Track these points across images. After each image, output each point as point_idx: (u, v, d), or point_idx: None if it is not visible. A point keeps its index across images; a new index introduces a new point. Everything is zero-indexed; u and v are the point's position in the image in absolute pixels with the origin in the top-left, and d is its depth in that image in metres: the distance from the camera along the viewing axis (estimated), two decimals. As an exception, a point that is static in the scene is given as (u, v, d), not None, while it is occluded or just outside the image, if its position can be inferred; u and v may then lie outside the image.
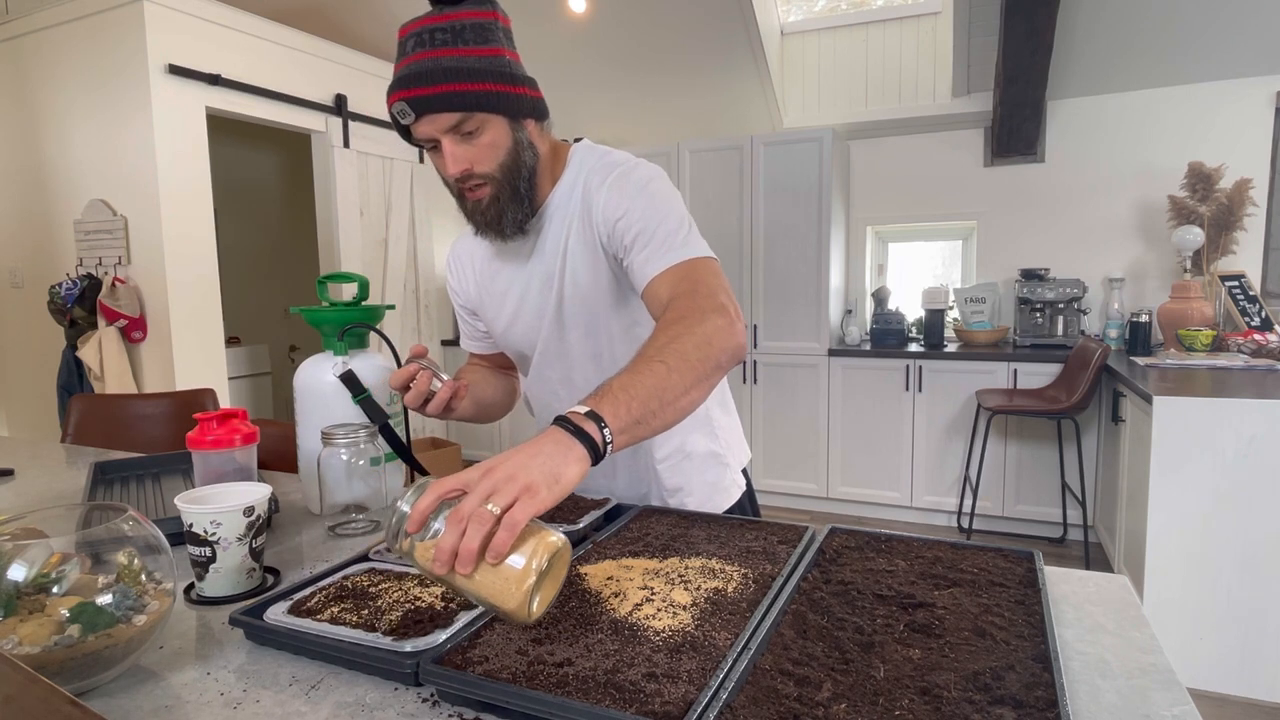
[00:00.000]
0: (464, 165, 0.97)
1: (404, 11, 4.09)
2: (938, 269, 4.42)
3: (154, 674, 0.70)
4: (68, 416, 2.00)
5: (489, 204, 1.00)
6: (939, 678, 0.62)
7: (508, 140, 0.98)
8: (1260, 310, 3.24)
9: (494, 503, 0.62)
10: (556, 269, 1.07)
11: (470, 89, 0.93)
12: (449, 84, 0.92)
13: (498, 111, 0.96)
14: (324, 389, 1.17)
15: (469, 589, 0.64)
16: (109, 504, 0.76)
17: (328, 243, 4.00)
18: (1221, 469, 2.21)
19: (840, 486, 3.88)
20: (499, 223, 1.02)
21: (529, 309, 1.12)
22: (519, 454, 0.67)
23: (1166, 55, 3.38)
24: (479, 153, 0.97)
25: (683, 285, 0.93)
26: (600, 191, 1.02)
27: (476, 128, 0.95)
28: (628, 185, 1.01)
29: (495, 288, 1.16)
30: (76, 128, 3.32)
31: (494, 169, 0.98)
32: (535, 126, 1.03)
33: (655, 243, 0.97)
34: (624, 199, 1.00)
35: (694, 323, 0.85)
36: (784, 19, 4.26)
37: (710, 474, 1.18)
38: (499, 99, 0.95)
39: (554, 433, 0.70)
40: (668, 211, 0.99)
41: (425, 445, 4.41)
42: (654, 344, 0.83)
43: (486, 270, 1.17)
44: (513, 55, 1.00)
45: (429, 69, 0.93)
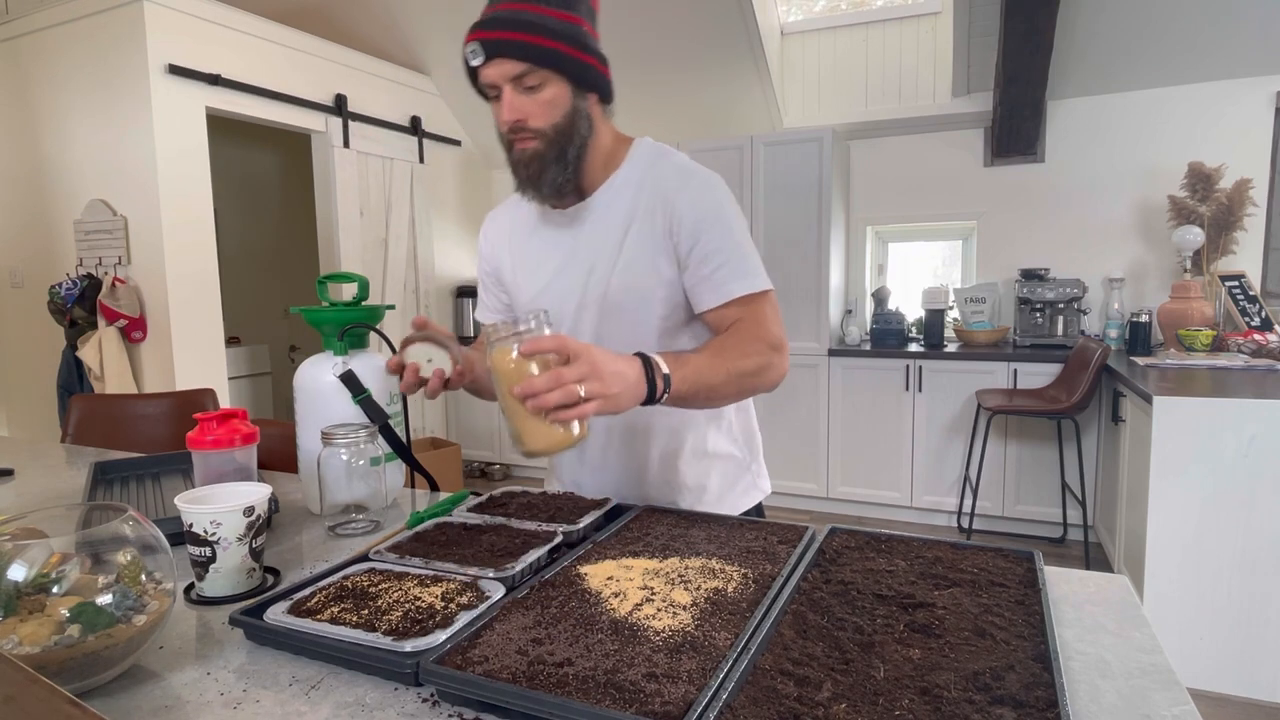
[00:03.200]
0: (519, 115, 0.99)
1: (403, 11, 4.10)
2: (938, 269, 4.42)
3: (154, 674, 0.70)
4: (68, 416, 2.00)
5: (532, 157, 1.02)
6: (939, 678, 0.62)
7: (566, 103, 1.01)
8: (1260, 310, 3.24)
9: (584, 388, 0.79)
10: (609, 256, 1.08)
11: (541, 43, 0.96)
12: (522, 34, 0.95)
13: (562, 72, 0.99)
14: (324, 389, 1.17)
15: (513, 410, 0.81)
16: (109, 504, 0.76)
17: (328, 243, 4.00)
18: (1221, 469, 2.21)
19: (840, 486, 3.88)
20: (538, 179, 1.04)
21: (564, 283, 1.12)
22: (615, 366, 0.83)
23: (1166, 55, 3.38)
24: (536, 107, 0.99)
25: (750, 315, 1.03)
26: (681, 198, 1.04)
27: (539, 83, 0.98)
28: (709, 201, 1.05)
29: (530, 254, 1.16)
30: (76, 128, 3.32)
31: (546, 126, 1.00)
32: (597, 103, 1.06)
33: (729, 267, 1.03)
34: (706, 214, 1.04)
35: (762, 351, 1.00)
36: (784, 19, 4.26)
37: (730, 475, 1.20)
38: (566, 60, 0.98)
39: (637, 367, 0.87)
40: (742, 237, 1.05)
41: (425, 445, 4.41)
42: (729, 353, 0.98)
43: (524, 237, 1.17)
44: (590, 29, 1.02)
45: (507, 17, 0.96)
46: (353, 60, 4.05)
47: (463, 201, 4.99)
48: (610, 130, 1.10)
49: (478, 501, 1.09)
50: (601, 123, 1.07)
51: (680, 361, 0.92)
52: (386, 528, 1.10)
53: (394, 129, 4.31)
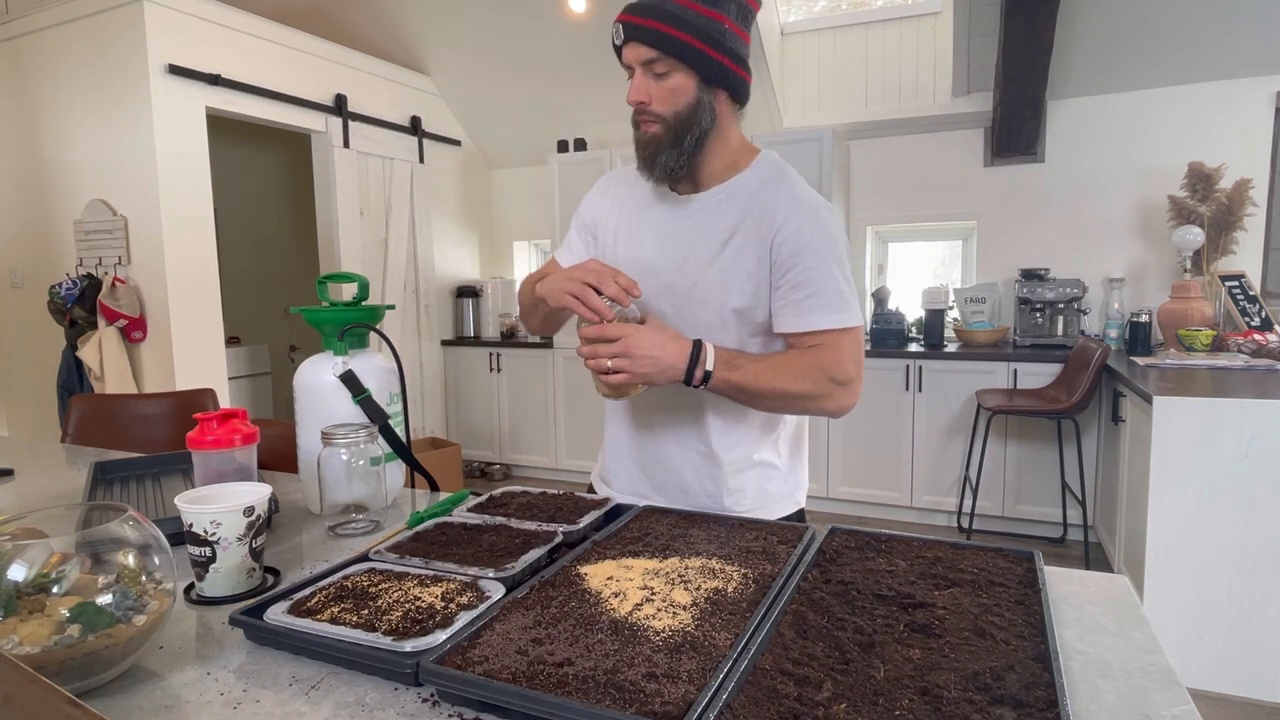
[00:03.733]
0: (641, 97, 1.06)
1: (403, 11, 4.10)
2: (938, 269, 4.42)
3: (154, 674, 0.70)
4: (68, 416, 2.00)
5: (650, 140, 1.08)
6: (939, 678, 0.62)
7: (690, 95, 1.05)
8: (1260, 310, 3.24)
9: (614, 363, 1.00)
10: (707, 251, 1.12)
11: (674, 34, 1.02)
12: (659, 23, 1.02)
13: (690, 64, 1.04)
14: (324, 389, 1.17)
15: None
16: (109, 504, 0.76)
17: (328, 243, 4.00)
18: (1221, 469, 2.21)
19: (840, 486, 3.88)
20: (653, 160, 1.09)
21: (657, 262, 1.16)
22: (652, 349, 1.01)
23: (1166, 55, 3.38)
24: (661, 92, 1.05)
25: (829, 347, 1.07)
26: (791, 221, 1.08)
27: (667, 70, 1.04)
28: (817, 230, 1.08)
29: (635, 224, 1.21)
30: (76, 128, 3.32)
31: (667, 112, 1.06)
32: (727, 100, 1.10)
33: (819, 298, 1.07)
34: (810, 242, 1.07)
35: (822, 381, 1.06)
36: (784, 19, 4.26)
37: (770, 484, 1.22)
38: (694, 54, 1.03)
39: (683, 356, 1.02)
40: (839, 270, 1.08)
41: (425, 445, 4.41)
42: (785, 372, 1.06)
43: (634, 206, 1.22)
44: (735, 28, 1.06)
45: (652, 5, 1.03)
46: (353, 60, 4.05)
47: (463, 201, 4.99)
48: (739, 133, 1.15)
49: (478, 501, 1.09)
50: (729, 121, 1.12)
51: (732, 364, 1.04)
52: (386, 528, 1.10)
53: (394, 129, 4.31)
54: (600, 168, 4.27)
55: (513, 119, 4.77)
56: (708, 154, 1.11)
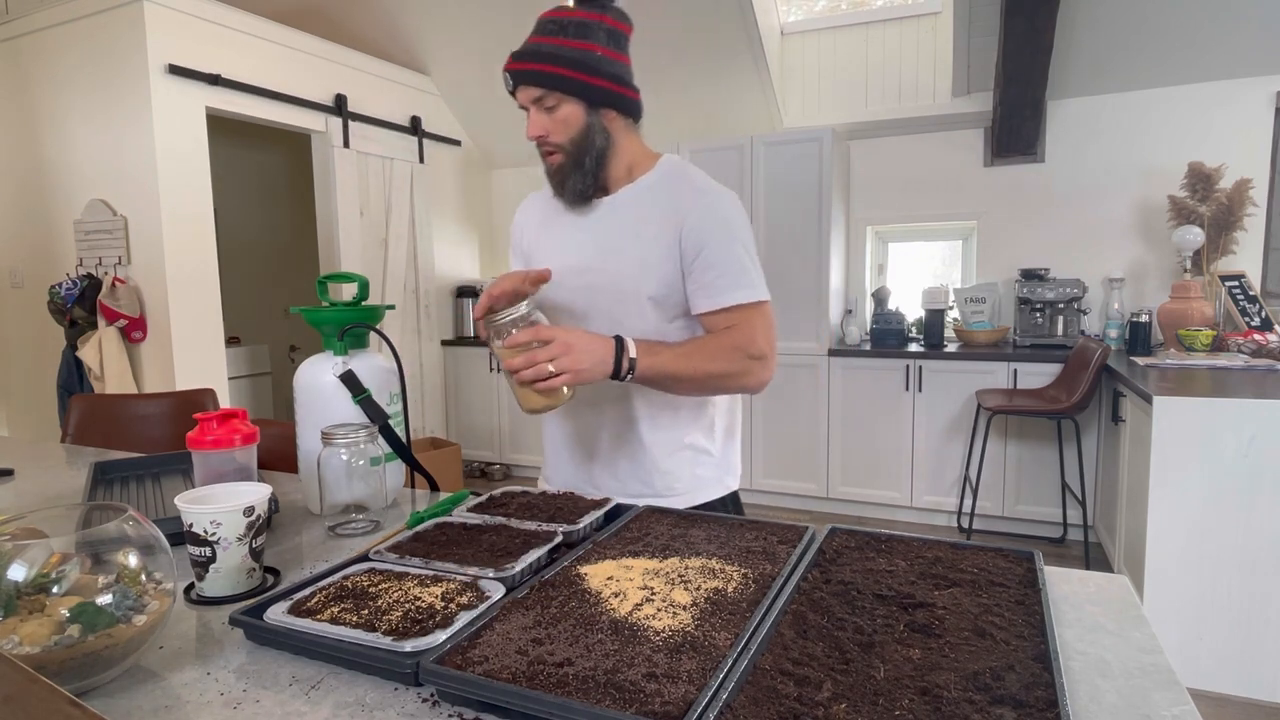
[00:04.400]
0: (539, 131, 1.16)
1: (403, 11, 4.10)
2: (938, 269, 4.42)
3: (154, 674, 0.70)
4: (68, 416, 2.00)
5: (557, 169, 1.19)
6: (939, 678, 0.62)
7: (581, 120, 1.15)
8: (1260, 310, 3.24)
9: (554, 364, 1.01)
10: (620, 248, 1.20)
11: (553, 71, 1.12)
12: (539, 64, 1.12)
13: (572, 94, 1.13)
14: (324, 389, 1.17)
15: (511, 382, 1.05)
16: (109, 504, 0.76)
17: (328, 243, 4.00)
18: (1221, 469, 2.21)
19: (840, 486, 3.88)
20: (563, 185, 1.20)
21: (577, 265, 1.24)
22: (586, 345, 1.04)
23: (1166, 55, 3.38)
24: (554, 124, 1.15)
25: (741, 324, 1.15)
26: (694, 209, 1.16)
27: (555, 104, 1.14)
28: (718, 215, 1.17)
29: (554, 237, 1.29)
30: (76, 128, 3.32)
31: (564, 141, 1.16)
32: (617, 118, 1.19)
33: (728, 277, 1.15)
34: (713, 227, 1.16)
35: (740, 359, 1.13)
36: (784, 19, 4.26)
37: (700, 469, 1.28)
38: (575, 84, 1.13)
39: (610, 348, 1.06)
40: (744, 251, 1.17)
41: (425, 445, 4.41)
42: (703, 352, 1.12)
43: (550, 222, 1.31)
44: (608, 52, 1.16)
45: (530, 50, 1.13)
46: (353, 60, 4.05)
47: (463, 201, 4.99)
48: (636, 142, 1.24)
49: (478, 501, 1.09)
50: (623, 135, 1.21)
51: (652, 350, 1.09)
52: (386, 528, 1.10)
53: (394, 129, 4.31)
54: (600, 168, 4.26)
55: (513, 119, 4.76)
56: (610, 167, 1.20)
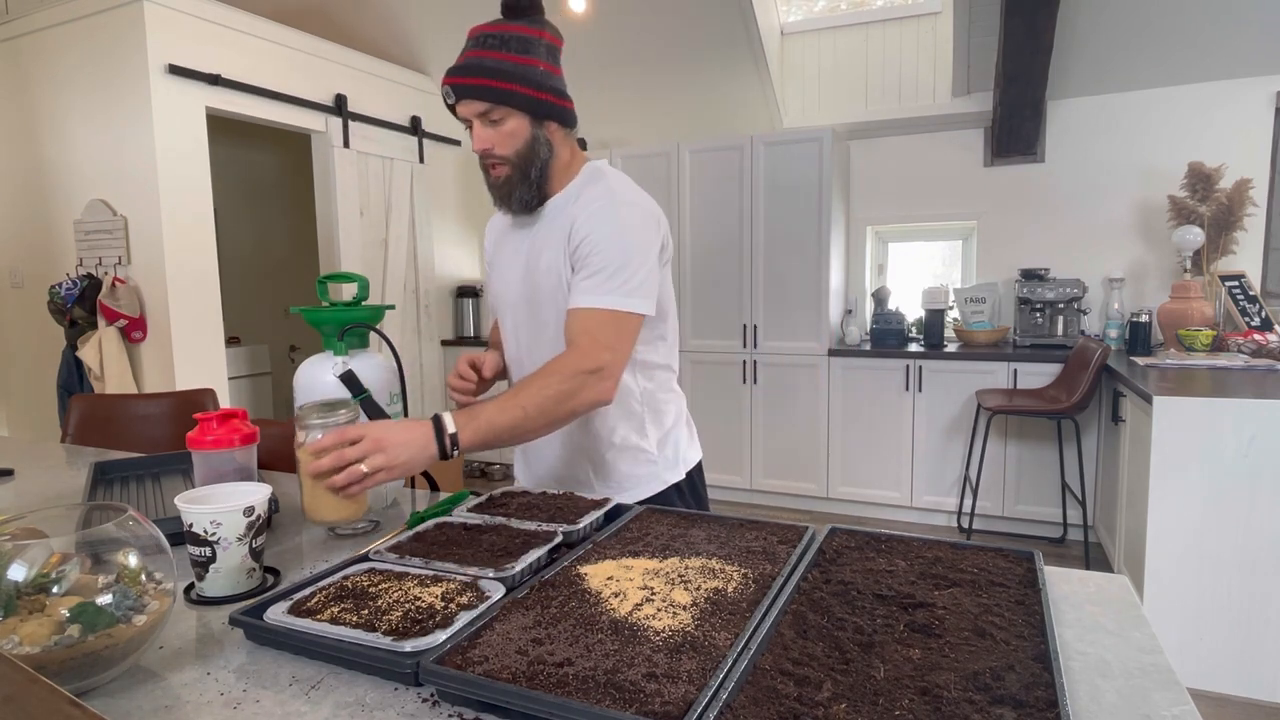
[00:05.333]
0: (485, 145, 1.16)
1: (403, 11, 4.10)
2: (938, 269, 4.42)
3: (154, 674, 0.70)
4: (68, 416, 2.00)
5: (503, 181, 1.19)
6: (939, 678, 0.62)
7: (526, 133, 1.16)
8: (1260, 310, 3.24)
9: (368, 463, 0.93)
10: (541, 260, 1.22)
11: (497, 86, 1.12)
12: (482, 79, 1.12)
13: (518, 108, 1.14)
14: (324, 389, 1.17)
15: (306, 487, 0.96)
16: (109, 504, 0.76)
17: (328, 243, 4.00)
18: (1221, 469, 2.21)
19: (840, 486, 3.88)
20: (508, 198, 1.21)
21: (514, 278, 1.28)
22: (398, 435, 0.96)
23: (1166, 55, 3.38)
24: (500, 138, 1.16)
25: (586, 335, 1.11)
26: (585, 213, 1.17)
27: (500, 117, 1.14)
28: (608, 220, 1.15)
29: (503, 253, 1.32)
30: (76, 128, 3.32)
31: (510, 154, 1.17)
32: (558, 129, 1.21)
33: (595, 279, 1.13)
34: (597, 229, 1.15)
35: (567, 378, 1.07)
36: (784, 19, 4.26)
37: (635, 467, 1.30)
38: (520, 99, 1.14)
39: (426, 432, 0.98)
40: (624, 260, 1.13)
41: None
42: (528, 389, 1.06)
43: (501, 236, 1.34)
44: (548, 67, 1.17)
45: (473, 64, 1.13)
46: (353, 60, 4.05)
47: (463, 201, 4.99)
48: (570, 149, 1.25)
49: (478, 501, 1.09)
50: (562, 144, 1.22)
51: (471, 415, 1.03)
52: (386, 528, 1.10)
53: (394, 129, 4.31)
54: (600, 168, 4.26)
55: (513, 119, 4.76)
56: (552, 178, 1.22)
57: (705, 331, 4.08)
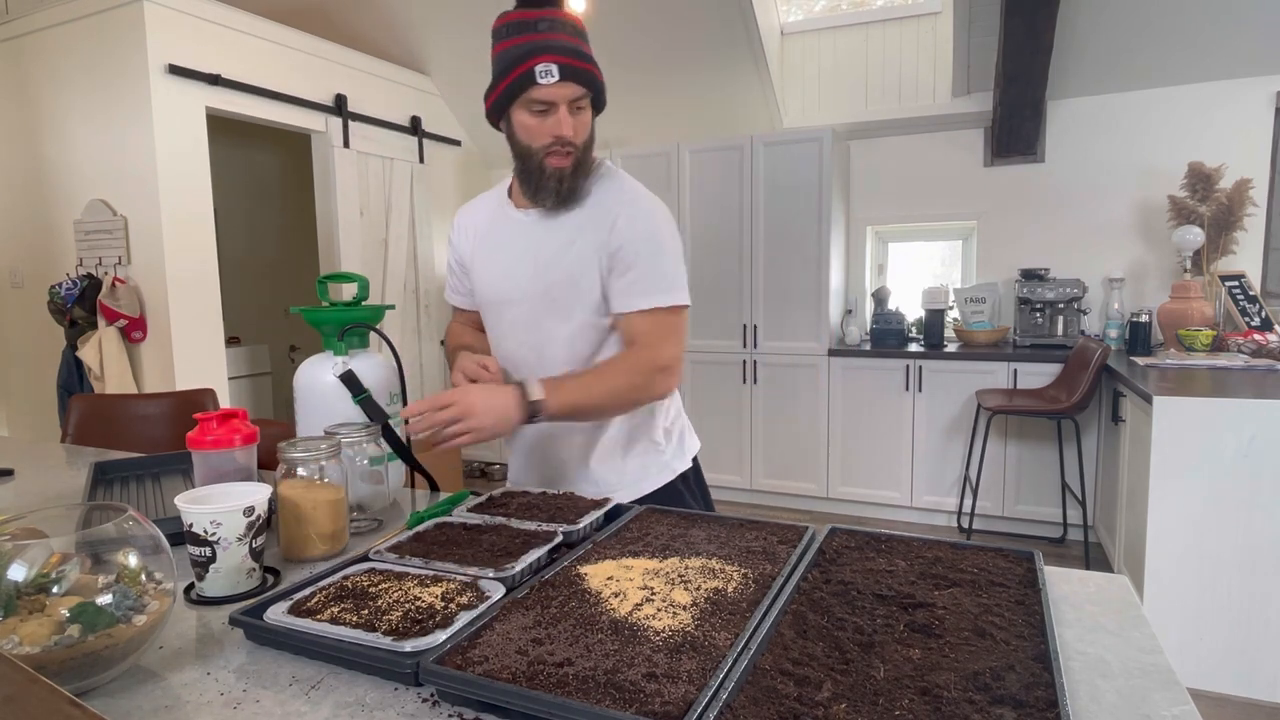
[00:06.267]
0: (572, 132, 1.15)
1: (403, 11, 4.10)
2: (938, 269, 4.42)
3: (154, 674, 0.70)
4: (68, 416, 2.00)
5: (572, 171, 1.17)
6: (939, 678, 0.62)
7: (591, 125, 1.19)
8: (1260, 310, 3.24)
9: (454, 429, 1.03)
10: (555, 256, 1.21)
11: (594, 74, 1.15)
12: (585, 64, 1.13)
13: (595, 100, 1.18)
14: (324, 389, 1.17)
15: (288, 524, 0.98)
16: (109, 504, 0.76)
17: (328, 243, 4.00)
18: (1221, 469, 2.21)
19: (840, 486, 3.88)
20: (558, 189, 1.18)
21: (517, 271, 1.24)
22: (488, 401, 1.05)
23: (1166, 55, 3.38)
24: (580, 127, 1.16)
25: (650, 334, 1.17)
26: (622, 215, 1.18)
27: (584, 106, 1.16)
28: (644, 222, 1.19)
29: (497, 250, 1.29)
30: (76, 128, 3.32)
31: (581, 144, 1.17)
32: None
33: (646, 281, 1.17)
34: (639, 232, 1.17)
35: (642, 373, 1.15)
36: (784, 19, 4.26)
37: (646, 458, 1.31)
38: (600, 91, 1.17)
39: (510, 400, 1.06)
40: (666, 259, 1.18)
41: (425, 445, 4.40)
42: (609, 376, 1.14)
43: (488, 230, 1.31)
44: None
45: (574, 49, 1.12)
46: (353, 60, 4.05)
47: (463, 201, 4.97)
48: None
49: (478, 501, 1.09)
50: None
51: (555, 387, 1.10)
52: (387, 528, 1.10)
53: (394, 129, 4.31)
54: (600, 168, 4.26)
55: (513, 119, 4.76)
56: None
57: (705, 331, 4.08)
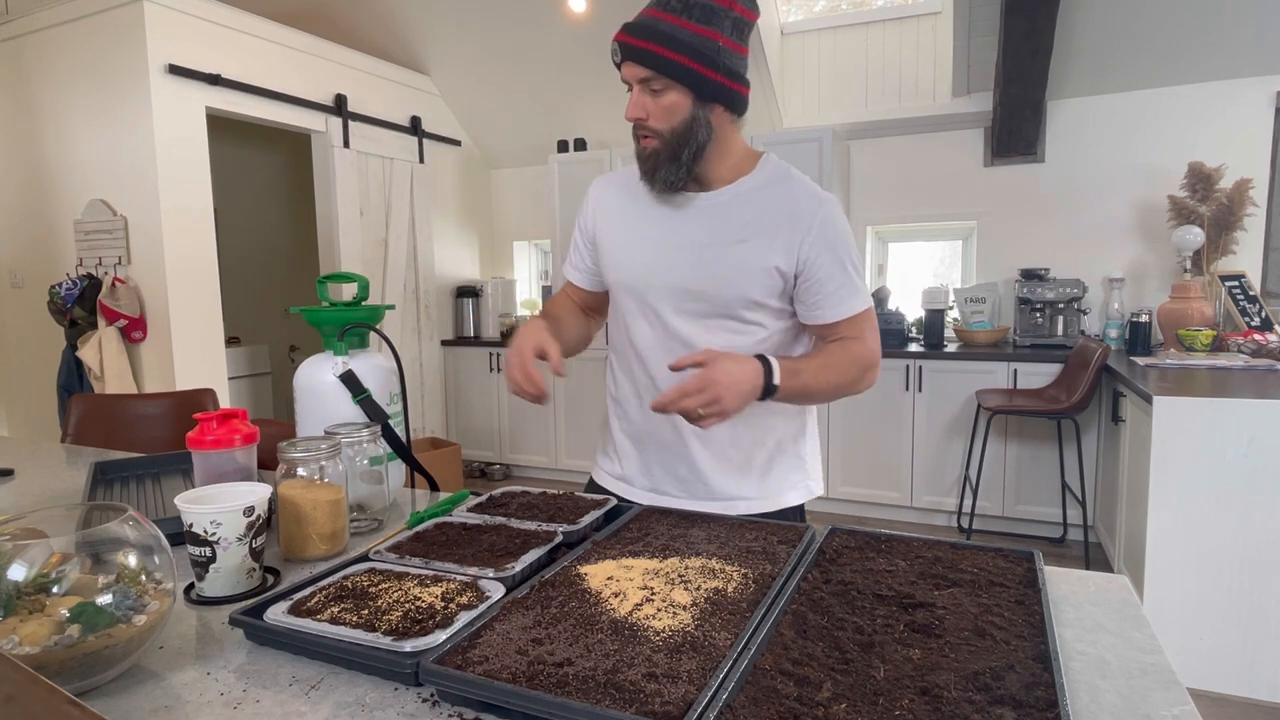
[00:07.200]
0: (639, 114, 1.09)
1: (403, 11, 4.10)
2: (938, 269, 4.42)
3: (154, 674, 0.70)
4: (68, 416, 2.00)
5: (650, 155, 1.12)
6: (939, 678, 0.62)
7: (685, 111, 1.08)
8: (1260, 310, 3.24)
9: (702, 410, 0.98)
10: (722, 249, 1.14)
11: (668, 55, 1.04)
12: (654, 44, 1.04)
13: (684, 83, 1.06)
14: (324, 389, 1.17)
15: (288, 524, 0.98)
16: (109, 504, 0.76)
17: (328, 243, 4.00)
18: (1221, 469, 2.21)
19: (840, 486, 3.88)
20: (653, 174, 1.13)
21: (667, 260, 1.18)
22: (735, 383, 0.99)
23: (1166, 55, 3.38)
24: (657, 109, 1.08)
25: (862, 329, 1.17)
26: (817, 218, 1.13)
27: (662, 88, 1.07)
28: (840, 226, 1.15)
29: (637, 227, 1.22)
30: (76, 128, 3.32)
31: (664, 128, 1.09)
32: (723, 112, 1.12)
33: (849, 288, 1.15)
34: (836, 238, 1.14)
35: (861, 367, 1.16)
36: (784, 19, 4.26)
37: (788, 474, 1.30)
38: (688, 74, 1.05)
39: (755, 380, 1.03)
40: (856, 259, 1.16)
41: (425, 445, 4.41)
42: (834, 366, 1.13)
43: (631, 209, 1.23)
44: (730, 44, 1.07)
45: (648, 25, 1.05)
46: (353, 60, 4.05)
47: (463, 201, 4.99)
48: (740, 140, 1.18)
49: (478, 501, 1.09)
50: (728, 131, 1.14)
51: (792, 372, 1.08)
52: (387, 528, 1.10)
53: (394, 129, 4.31)
54: (600, 168, 4.27)
55: (513, 119, 4.77)
56: (709, 162, 1.14)
57: (705, 331, 4.07)
